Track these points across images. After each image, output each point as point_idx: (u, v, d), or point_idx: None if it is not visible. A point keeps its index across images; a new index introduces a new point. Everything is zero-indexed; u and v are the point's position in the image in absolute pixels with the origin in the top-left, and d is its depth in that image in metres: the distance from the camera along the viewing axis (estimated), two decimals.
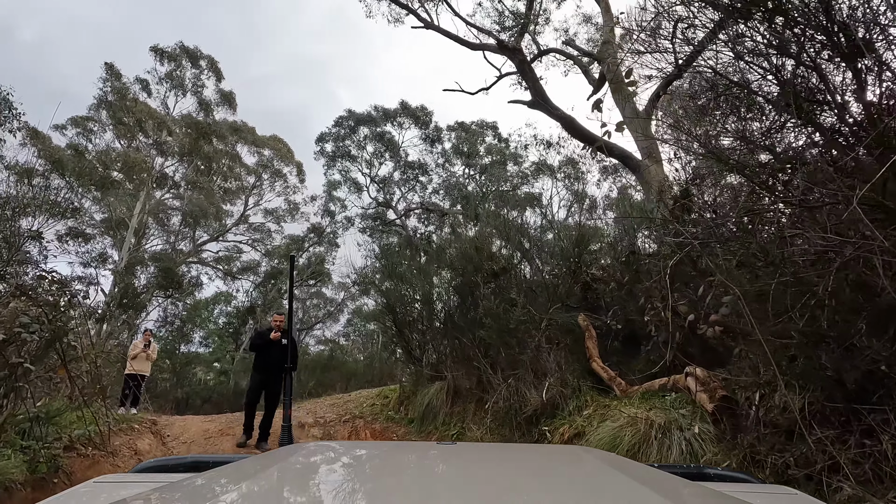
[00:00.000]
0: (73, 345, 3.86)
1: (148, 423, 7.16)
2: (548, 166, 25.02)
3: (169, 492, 0.98)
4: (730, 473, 1.56)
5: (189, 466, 1.45)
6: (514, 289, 5.42)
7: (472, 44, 13.05)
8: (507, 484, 1.03)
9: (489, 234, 6.39)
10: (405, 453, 1.42)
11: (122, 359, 9.27)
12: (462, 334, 5.37)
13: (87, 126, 23.54)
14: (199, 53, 25.66)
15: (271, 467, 1.15)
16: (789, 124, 3.35)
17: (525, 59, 11.39)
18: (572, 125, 11.23)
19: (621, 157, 11.84)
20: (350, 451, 1.47)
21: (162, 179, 25.63)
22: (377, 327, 27.41)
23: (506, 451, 1.64)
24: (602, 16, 14.82)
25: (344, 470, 1.21)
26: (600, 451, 1.56)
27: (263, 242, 30.28)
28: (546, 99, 11.40)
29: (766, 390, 2.65)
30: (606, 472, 1.13)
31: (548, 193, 24.28)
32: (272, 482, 1.02)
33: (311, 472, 1.17)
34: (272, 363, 6.32)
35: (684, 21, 4.01)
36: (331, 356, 24.65)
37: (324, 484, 1.07)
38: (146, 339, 9.55)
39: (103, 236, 24.88)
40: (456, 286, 5.74)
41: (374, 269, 11.07)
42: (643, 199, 10.58)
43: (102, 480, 1.30)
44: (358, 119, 27.10)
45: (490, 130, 29.07)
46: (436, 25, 13.37)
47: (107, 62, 22.92)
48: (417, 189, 27.18)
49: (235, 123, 26.77)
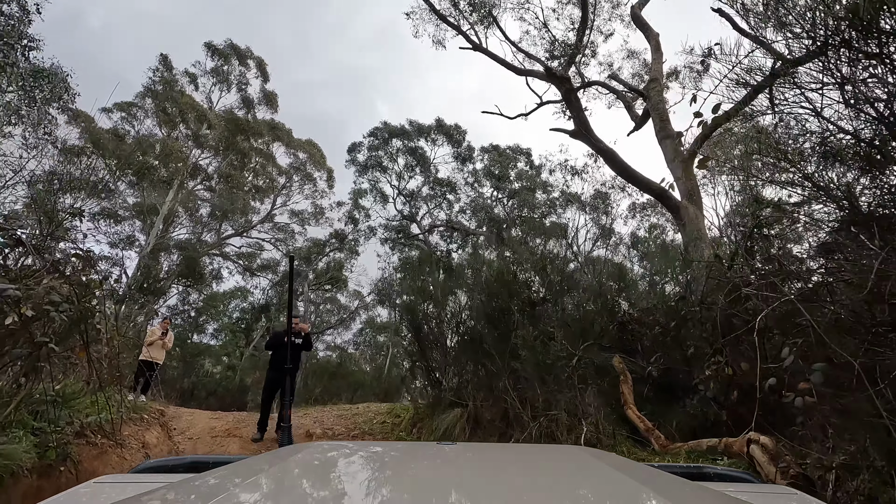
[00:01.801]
0: (97, 327, 3.76)
1: (156, 414, 7.02)
2: (577, 198, 24.79)
3: (169, 492, 0.98)
4: (730, 473, 1.52)
5: (189, 467, 1.45)
6: (553, 321, 5.16)
7: (518, 69, 13.03)
8: (507, 483, 1.04)
9: (525, 261, 6.16)
10: (405, 453, 1.41)
11: (139, 344, 9.23)
12: (491, 362, 5.11)
13: (132, 112, 24.25)
14: (250, 53, 26.36)
15: (272, 468, 1.14)
16: None
17: (572, 89, 11.29)
18: (614, 159, 11.03)
19: (660, 195, 11.55)
20: (350, 451, 1.47)
21: (196, 170, 26.15)
22: (389, 340, 27.25)
23: (506, 451, 1.65)
24: (651, 53, 14.70)
25: (344, 470, 1.21)
26: (599, 451, 1.54)
27: (286, 243, 30.51)
28: (589, 130, 11.25)
29: (848, 472, 2.36)
30: (606, 472, 1.13)
31: (574, 224, 23.99)
32: (272, 483, 1.02)
33: (311, 472, 1.16)
34: (283, 362, 6.31)
35: None
36: (339, 364, 24.45)
37: (324, 484, 1.06)
38: (164, 327, 9.50)
39: (133, 220, 25.39)
40: (488, 311, 5.51)
41: (398, 282, 10.88)
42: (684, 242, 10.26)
43: (102, 481, 1.31)
44: (392, 131, 27.39)
45: (523, 156, 29.05)
46: (483, 48, 13.41)
47: (162, 53, 23.68)
48: (444, 206, 27.20)
49: (273, 121, 27.27)
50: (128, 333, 7.48)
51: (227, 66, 25.89)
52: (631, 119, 15.73)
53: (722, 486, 1.32)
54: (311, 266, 30.01)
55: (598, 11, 16.52)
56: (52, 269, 3.39)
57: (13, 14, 10.47)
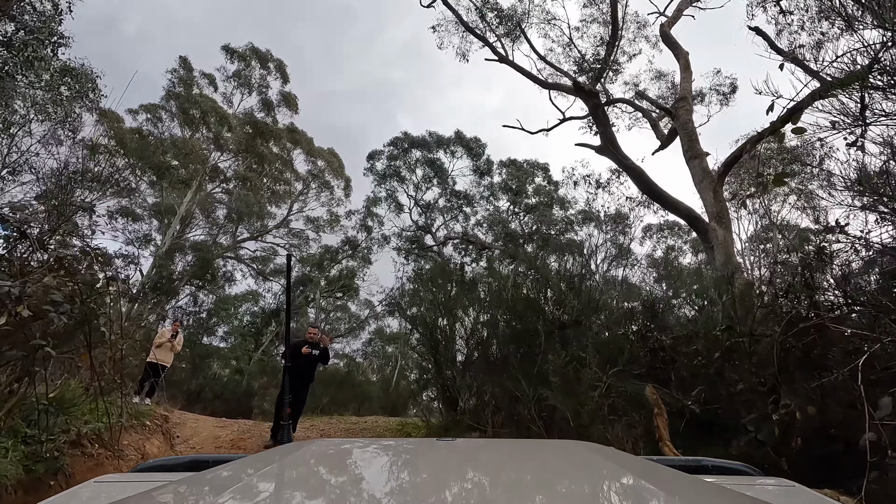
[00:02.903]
0: (102, 330, 3.52)
1: (160, 420, 6.78)
2: (597, 216, 24.36)
3: (169, 491, 0.98)
4: (728, 465, 1.49)
5: (189, 466, 1.45)
6: (583, 345, 4.78)
7: (544, 82, 12.82)
8: (505, 478, 1.04)
9: (553, 278, 5.83)
10: (405, 449, 1.41)
11: (147, 347, 9.02)
12: (515, 386, 4.75)
13: (157, 114, 24.60)
14: (270, 56, 26.59)
15: (271, 465, 1.14)
16: None
17: (599, 104, 11.02)
18: (641, 177, 10.69)
19: (688, 216, 11.17)
20: (349, 447, 1.48)
21: (214, 172, 26.33)
22: (398, 351, 26.91)
23: (504, 447, 1.65)
24: (679, 72, 14.41)
25: (344, 467, 1.20)
26: (597, 445, 1.54)
27: (300, 249, 30.47)
28: (616, 146, 10.94)
29: None
30: (604, 465, 1.13)
31: (592, 242, 23.51)
32: (272, 480, 1.02)
33: (310, 469, 1.15)
34: (300, 373, 6.81)
35: None
36: (347, 374, 24.12)
37: (323, 481, 1.07)
38: (174, 330, 9.30)
39: (150, 219, 25.59)
40: (513, 331, 5.17)
41: (410, 294, 10.59)
42: (713, 265, 9.84)
43: (103, 480, 1.30)
44: (412, 142, 27.34)
45: (541, 171, 28.78)
46: (510, 60, 13.24)
47: (181, 56, 23.98)
48: (460, 219, 26.97)
49: (293, 125, 27.40)
50: (136, 335, 7.27)
51: (247, 69, 26.11)
52: (657, 138, 15.40)
53: (721, 479, 1.29)
54: (323, 273, 29.93)
55: (624, 31, 16.33)
56: (55, 266, 3.18)
57: (45, 11, 10.56)
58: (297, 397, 6.88)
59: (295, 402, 6.74)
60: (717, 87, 18.34)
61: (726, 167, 11.41)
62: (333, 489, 0.97)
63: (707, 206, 11.48)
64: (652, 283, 18.38)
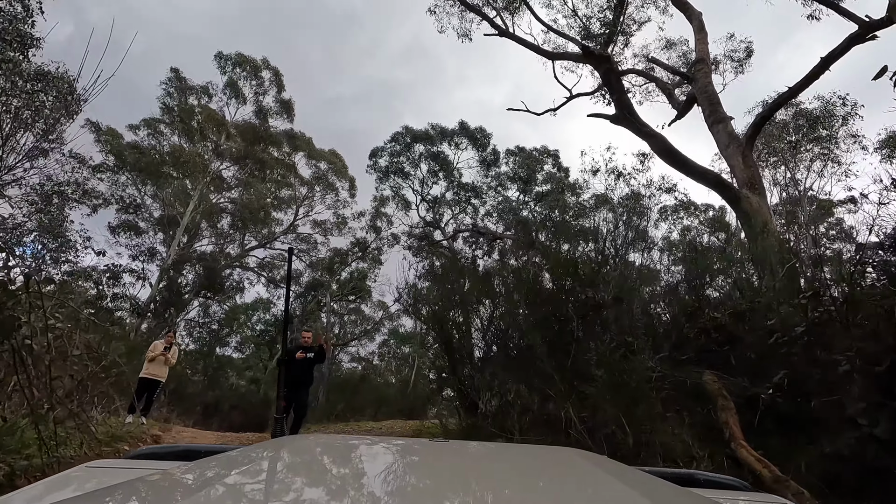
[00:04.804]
0: (27, 342, 2.81)
1: (149, 441, 6.09)
2: (610, 200, 23.37)
3: (160, 479, 0.99)
4: (721, 479, 1.43)
5: (182, 455, 1.42)
6: (629, 329, 3.92)
7: (550, 53, 11.92)
8: (494, 481, 1.04)
9: (582, 254, 4.98)
10: (396, 448, 1.39)
11: (123, 362, 8.33)
12: (546, 383, 3.91)
13: (157, 128, 24.18)
14: (267, 63, 25.96)
15: (262, 458, 1.14)
16: None
17: (612, 69, 10.11)
18: (663, 144, 9.77)
19: (717, 184, 10.21)
20: (342, 444, 1.47)
21: (218, 182, 25.84)
22: (415, 351, 26.22)
23: (496, 451, 1.63)
24: (693, 34, 13.40)
25: (335, 463, 1.19)
26: (589, 453, 1.52)
27: (308, 253, 29.93)
28: (633, 113, 10.03)
29: None
30: (594, 474, 1.13)
31: (608, 226, 22.48)
32: (263, 472, 1.02)
33: (301, 463, 1.16)
34: (295, 378, 6.92)
35: None
36: (363, 378, 23.45)
37: (313, 476, 1.07)
38: (168, 342, 8.62)
39: (157, 232, 25.17)
40: (538, 318, 4.31)
41: (422, 290, 9.81)
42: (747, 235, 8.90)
43: (94, 465, 1.30)
44: (415, 135, 26.53)
45: (550, 158, 27.84)
46: (510, 33, 12.38)
47: (172, 67, 23.48)
48: (469, 211, 26.16)
49: (292, 131, 26.82)
50: (119, 349, 6.58)
51: (244, 77, 25.52)
52: (673, 107, 14.43)
53: (712, 492, 1.28)
54: (334, 276, 29.36)
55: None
56: None
57: (14, 12, 9.93)
58: (298, 402, 7.05)
59: (297, 406, 7.04)
60: (731, 54, 17.25)
61: (755, 128, 10.44)
62: (322, 484, 0.97)
63: (736, 172, 10.53)
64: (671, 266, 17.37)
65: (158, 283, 22.97)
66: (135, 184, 23.85)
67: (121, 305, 21.42)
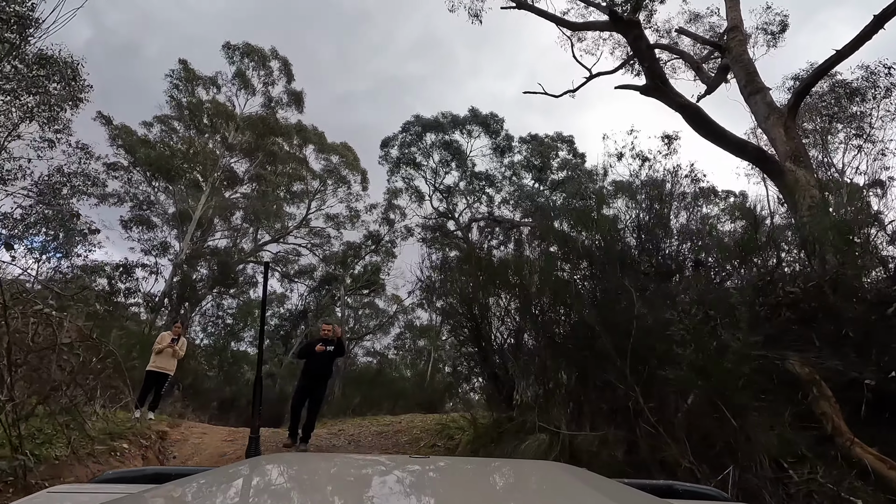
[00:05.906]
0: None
1: (153, 438, 5.64)
2: (628, 186, 22.52)
3: None
4: (699, 489, 1.44)
5: (151, 478, 1.37)
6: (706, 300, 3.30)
7: (572, 23, 11.23)
8: (476, 497, 1.03)
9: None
10: (373, 467, 1.38)
11: (126, 353, 7.91)
12: (602, 365, 3.30)
13: (170, 124, 23.93)
14: (275, 53, 25.48)
15: (233, 480, 1.11)
16: None
17: (641, 35, 9.40)
18: (698, 115, 9.05)
19: (757, 158, 9.49)
20: (317, 463, 1.44)
21: (230, 176, 25.54)
22: (430, 344, 25.76)
23: (477, 466, 1.63)
24: (726, 2, 12.56)
25: (308, 483, 1.15)
26: (570, 466, 1.53)
27: (322, 247, 29.56)
28: (666, 82, 9.31)
29: None
30: (574, 487, 1.13)
31: (631, 214, 21.64)
32: (233, 497, 0.98)
33: (272, 486, 1.10)
34: (315, 371, 6.91)
35: None
36: (379, 371, 23.04)
37: (284, 498, 1.03)
38: (176, 333, 8.18)
39: (171, 228, 24.97)
40: (590, 289, 3.71)
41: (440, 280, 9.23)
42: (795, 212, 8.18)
43: (57, 491, 1.23)
44: (425, 125, 25.83)
45: (565, 144, 26.99)
46: (529, 4, 11.68)
47: (181, 59, 23.11)
48: (483, 200, 25.49)
49: (301, 123, 26.32)
50: (119, 339, 6.14)
51: (254, 68, 25.09)
52: (702, 82, 13.63)
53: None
54: (347, 270, 28.96)
55: None
56: None
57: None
58: (314, 396, 6.97)
59: (311, 401, 6.97)
60: (766, 26, 16.31)
61: (798, 96, 9.67)
62: None
63: (777, 145, 9.74)
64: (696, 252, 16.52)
65: (172, 278, 22.81)
66: (147, 180, 23.66)
67: (135, 301, 21.30)
